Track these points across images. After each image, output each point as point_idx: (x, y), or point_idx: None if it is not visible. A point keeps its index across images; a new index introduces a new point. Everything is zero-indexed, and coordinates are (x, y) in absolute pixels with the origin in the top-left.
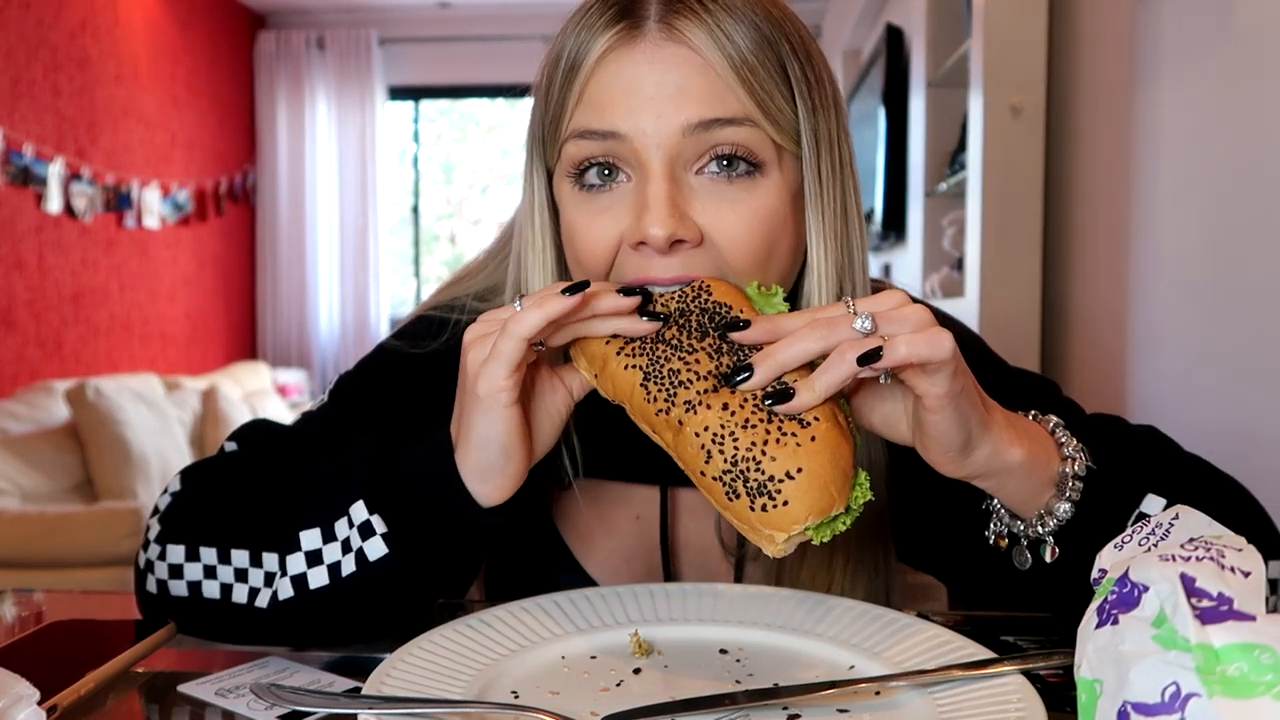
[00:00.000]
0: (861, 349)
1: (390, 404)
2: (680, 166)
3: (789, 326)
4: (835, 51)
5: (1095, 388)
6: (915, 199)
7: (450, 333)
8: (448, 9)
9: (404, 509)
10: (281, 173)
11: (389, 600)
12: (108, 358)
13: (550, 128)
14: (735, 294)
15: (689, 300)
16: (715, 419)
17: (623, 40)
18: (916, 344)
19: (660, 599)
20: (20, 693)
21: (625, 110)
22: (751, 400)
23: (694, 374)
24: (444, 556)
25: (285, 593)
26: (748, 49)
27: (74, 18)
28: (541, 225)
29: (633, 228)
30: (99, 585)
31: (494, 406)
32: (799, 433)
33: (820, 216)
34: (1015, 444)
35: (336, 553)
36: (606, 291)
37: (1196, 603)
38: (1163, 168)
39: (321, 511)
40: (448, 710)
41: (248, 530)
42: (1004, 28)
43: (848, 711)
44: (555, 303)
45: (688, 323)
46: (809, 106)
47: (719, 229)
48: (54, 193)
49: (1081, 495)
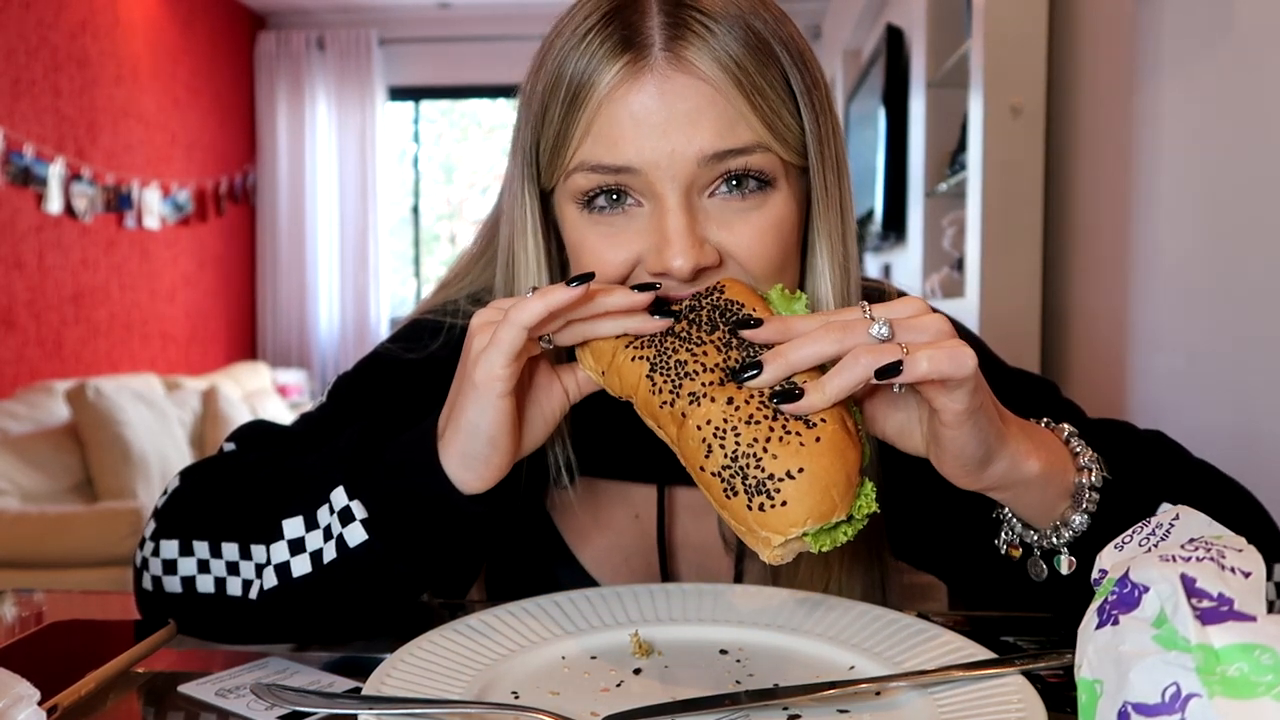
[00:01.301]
0: (877, 355)
1: (386, 407)
2: (694, 193)
3: (802, 327)
4: (835, 51)
5: (1095, 388)
6: (915, 199)
7: (445, 336)
8: (448, 9)
9: (383, 495)
10: (281, 173)
11: (373, 589)
12: (108, 358)
13: (550, 153)
14: (749, 293)
15: (701, 298)
16: (719, 412)
17: (629, 73)
18: (938, 360)
19: (660, 599)
20: (20, 693)
21: (636, 144)
22: (758, 397)
23: (701, 365)
24: (426, 544)
25: (270, 582)
26: (754, 69)
27: (74, 18)
28: (536, 247)
29: (654, 259)
30: (99, 585)
31: (487, 395)
32: (804, 433)
33: (826, 220)
34: (1032, 456)
35: (318, 540)
36: (618, 289)
37: (1197, 603)
38: (1163, 167)
39: (304, 499)
40: (448, 710)
41: (236, 523)
42: (1004, 28)
43: (848, 712)
44: (559, 293)
45: (698, 317)
46: (812, 114)
47: (735, 245)
48: (54, 193)
49: (1098, 507)
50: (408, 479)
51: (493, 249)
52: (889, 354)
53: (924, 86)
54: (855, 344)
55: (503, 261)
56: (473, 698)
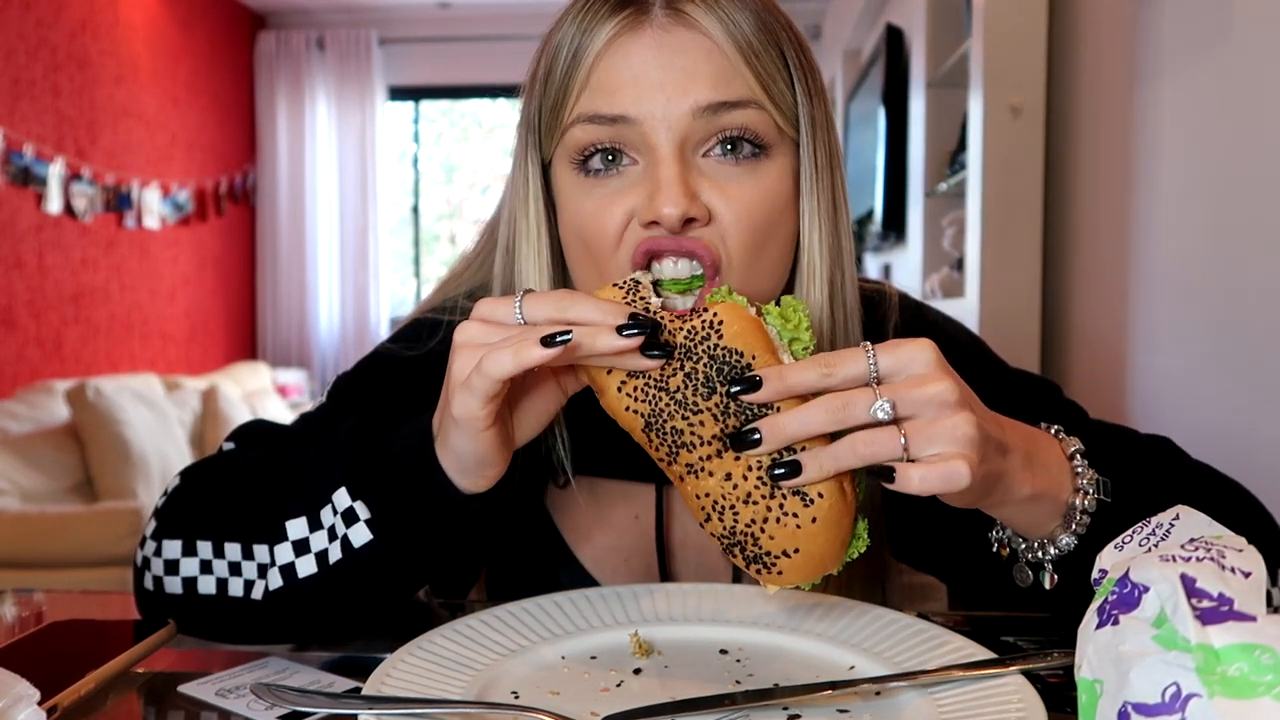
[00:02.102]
0: (874, 448)
1: (386, 405)
2: (689, 149)
3: (803, 382)
4: (835, 51)
5: (1095, 388)
6: (915, 199)
7: (444, 333)
8: (448, 9)
9: (386, 494)
10: (281, 173)
11: (378, 587)
12: (108, 358)
13: (550, 115)
14: (749, 331)
15: (698, 339)
16: (716, 488)
17: (628, 26)
18: (930, 482)
19: (660, 599)
20: (20, 693)
21: (634, 94)
22: (755, 471)
23: (698, 438)
24: (429, 542)
25: (275, 583)
26: (752, 33)
27: (74, 18)
28: (536, 215)
29: (645, 207)
30: (99, 585)
31: (469, 430)
32: (800, 513)
33: (815, 200)
34: (1026, 483)
35: (323, 540)
36: (605, 330)
37: (1197, 603)
38: (1163, 167)
39: (306, 499)
40: (448, 710)
41: (238, 522)
42: (1004, 28)
43: (848, 711)
44: (532, 351)
45: (694, 372)
46: (806, 92)
47: (725, 208)
48: (54, 193)
49: (1087, 530)
50: (409, 477)
51: (491, 241)
52: (885, 448)
53: (924, 86)
54: (855, 420)
55: (504, 239)
56: (473, 698)
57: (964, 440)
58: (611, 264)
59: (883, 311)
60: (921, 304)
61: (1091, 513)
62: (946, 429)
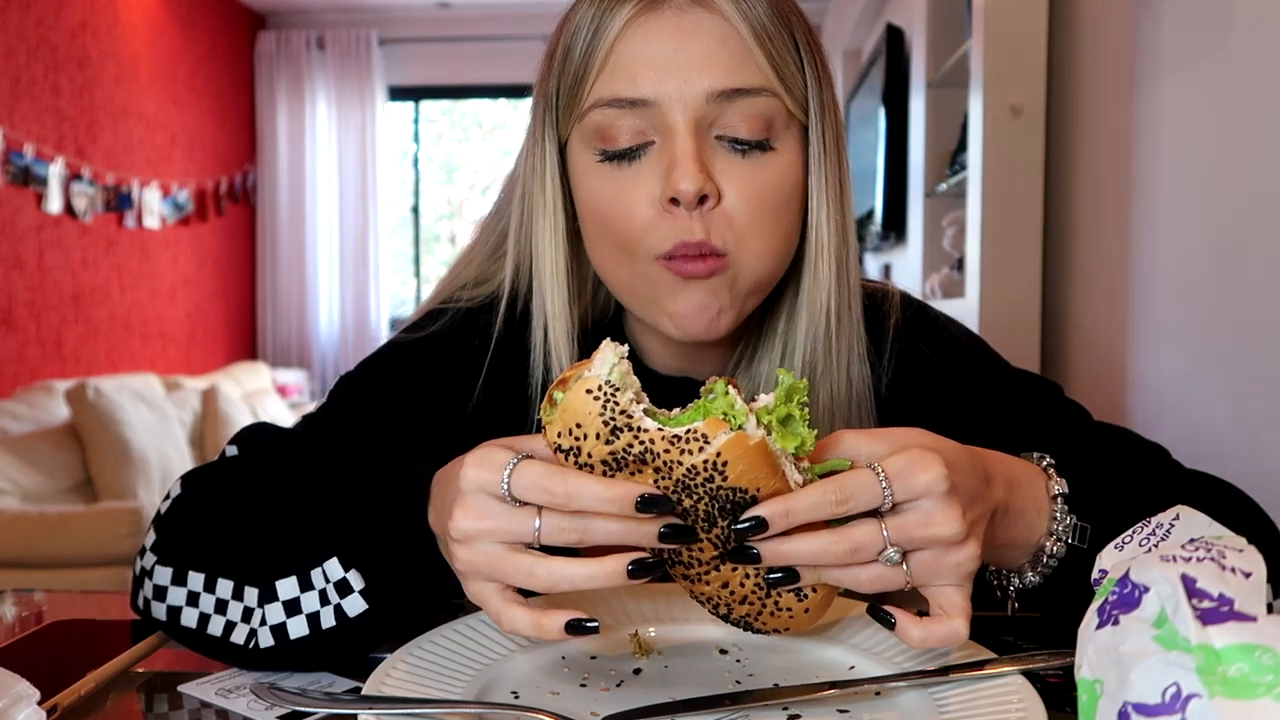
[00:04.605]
0: (879, 584)
1: (393, 397)
2: (703, 129)
3: (812, 516)
4: (835, 51)
5: (1095, 388)
6: (915, 199)
7: (450, 318)
8: (448, 9)
9: (380, 565)
10: (281, 173)
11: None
12: (108, 358)
13: (569, 94)
14: (754, 467)
15: (699, 480)
16: (714, 592)
17: (647, 6)
18: (931, 642)
19: (660, 599)
20: (20, 693)
21: (652, 77)
22: (753, 578)
23: (696, 559)
24: (425, 602)
25: (266, 641)
26: (765, 14)
27: (74, 18)
28: (553, 192)
29: (664, 185)
30: (99, 585)
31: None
32: (794, 606)
33: (823, 180)
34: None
35: (315, 602)
36: (617, 574)
37: (1197, 603)
38: (1163, 168)
39: (297, 559)
40: (448, 710)
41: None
42: (1004, 28)
43: (848, 712)
44: (544, 631)
45: (694, 509)
46: (815, 74)
47: (735, 193)
48: (54, 193)
49: (1053, 572)
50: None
51: (492, 244)
52: (889, 582)
53: (924, 86)
54: (863, 559)
55: (517, 215)
56: (473, 698)
57: (966, 575)
58: (631, 247)
59: (884, 311)
60: (923, 304)
61: (1061, 558)
62: (950, 567)
